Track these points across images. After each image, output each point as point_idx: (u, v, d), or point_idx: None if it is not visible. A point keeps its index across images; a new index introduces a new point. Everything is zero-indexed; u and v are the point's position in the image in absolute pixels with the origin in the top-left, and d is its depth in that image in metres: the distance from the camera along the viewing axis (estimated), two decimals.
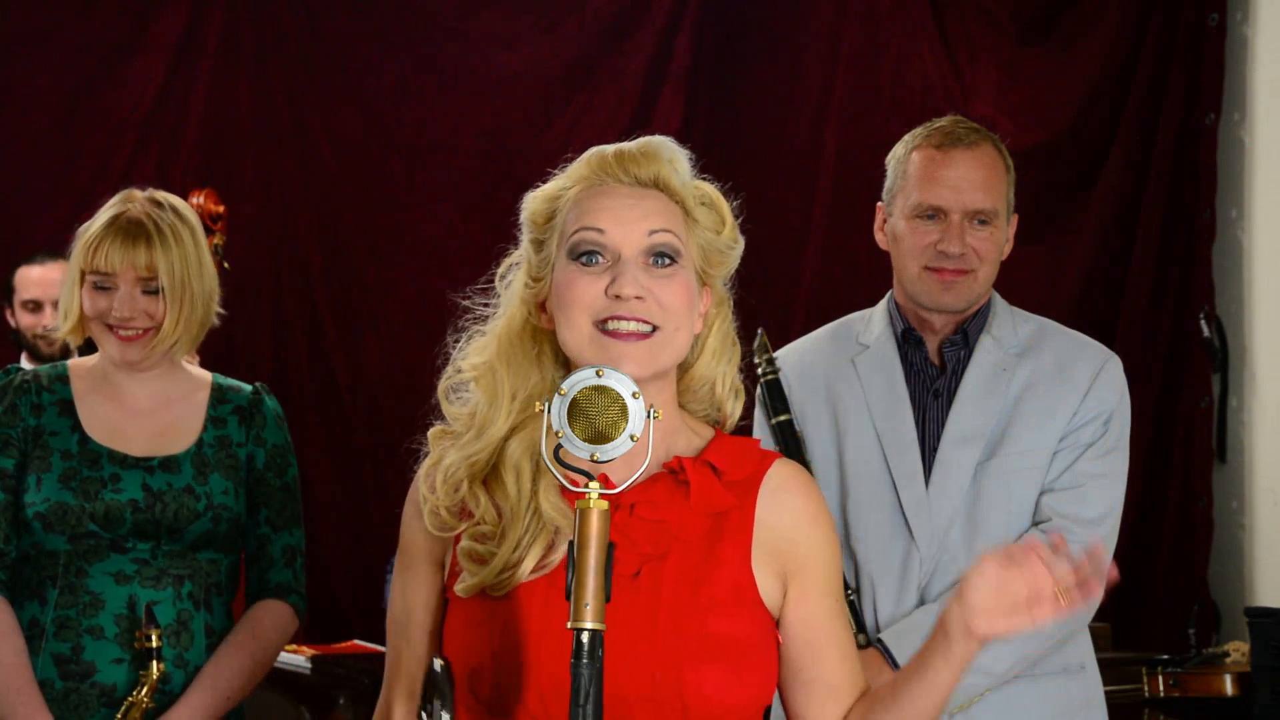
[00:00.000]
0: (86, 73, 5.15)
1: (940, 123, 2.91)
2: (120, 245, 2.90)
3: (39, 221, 5.07)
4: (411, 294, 5.30)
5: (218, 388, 3.03)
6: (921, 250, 2.84)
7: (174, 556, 2.90)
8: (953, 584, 2.79)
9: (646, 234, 1.86)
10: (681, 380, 1.95)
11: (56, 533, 2.86)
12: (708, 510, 1.87)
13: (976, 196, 2.83)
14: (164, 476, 2.91)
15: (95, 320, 2.92)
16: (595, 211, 1.87)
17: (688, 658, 1.79)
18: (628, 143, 1.92)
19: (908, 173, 2.87)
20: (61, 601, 2.87)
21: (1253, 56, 5.04)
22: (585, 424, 1.68)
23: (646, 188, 1.89)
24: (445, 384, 1.95)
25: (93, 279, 2.91)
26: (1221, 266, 5.08)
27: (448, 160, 5.43)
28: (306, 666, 4.15)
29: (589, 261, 1.86)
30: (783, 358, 2.98)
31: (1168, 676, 4.09)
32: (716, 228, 1.93)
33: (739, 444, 1.93)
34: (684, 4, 5.47)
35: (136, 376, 2.98)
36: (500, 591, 1.84)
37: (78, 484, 2.87)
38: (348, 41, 5.41)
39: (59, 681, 2.86)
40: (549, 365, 1.93)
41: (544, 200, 1.93)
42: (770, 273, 5.18)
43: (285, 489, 3.02)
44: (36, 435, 2.91)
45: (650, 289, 1.84)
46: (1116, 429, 2.85)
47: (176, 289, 2.91)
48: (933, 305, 2.87)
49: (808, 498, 1.92)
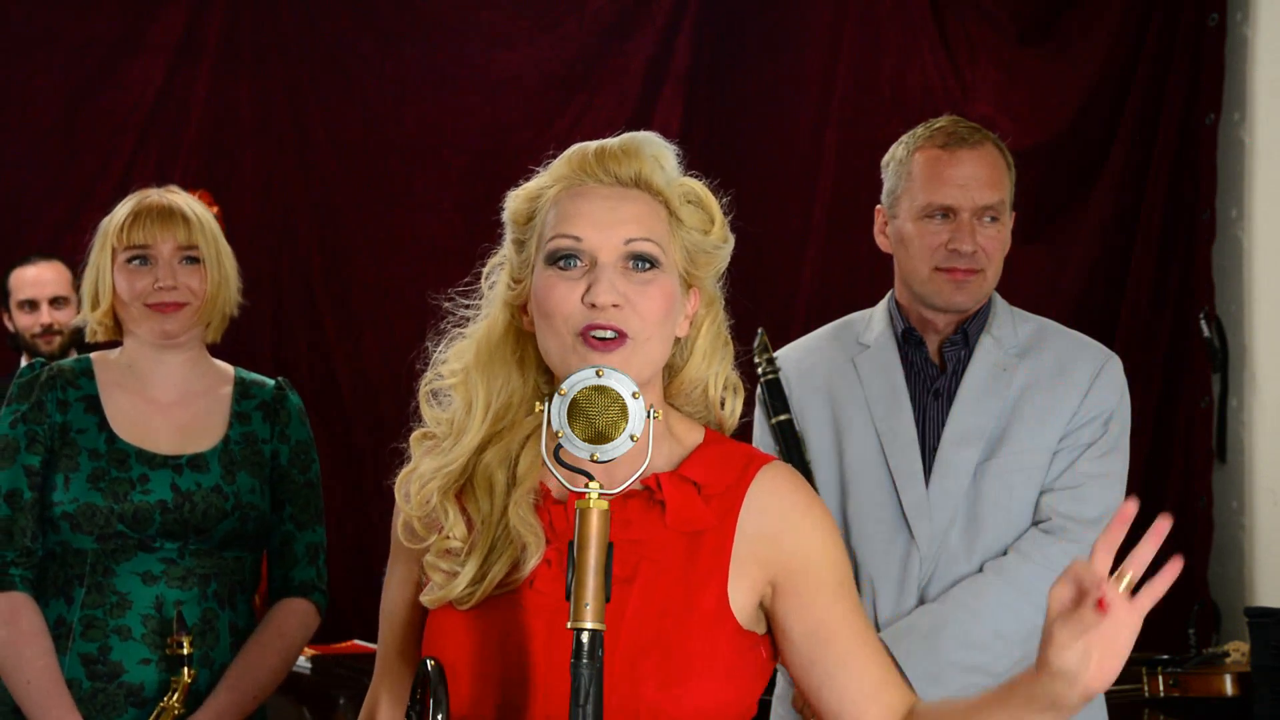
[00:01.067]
0: (86, 73, 5.15)
1: (940, 123, 2.91)
2: (157, 220, 2.92)
3: (39, 221, 5.07)
4: (411, 294, 5.28)
5: (241, 382, 3.03)
6: (932, 251, 2.84)
7: (201, 555, 2.89)
8: (953, 583, 2.79)
9: (623, 242, 1.81)
10: (673, 383, 1.91)
11: (84, 533, 2.86)
12: (685, 528, 1.82)
13: (985, 193, 2.84)
14: (192, 476, 2.90)
15: (134, 301, 2.92)
16: (572, 217, 1.82)
17: (645, 678, 1.75)
18: (610, 139, 1.87)
19: (912, 174, 2.87)
20: (88, 601, 2.86)
21: (1253, 56, 5.04)
22: (585, 424, 1.67)
23: (627, 187, 1.84)
24: (426, 388, 1.93)
25: (128, 255, 2.91)
26: (1221, 266, 5.08)
27: (448, 160, 5.43)
28: (306, 666, 4.14)
29: (566, 266, 1.82)
30: (783, 357, 2.98)
31: (1168, 676, 4.09)
32: (704, 227, 1.87)
33: (724, 451, 1.88)
34: (684, 4, 5.46)
35: (163, 366, 2.96)
36: (465, 605, 1.82)
37: (106, 485, 2.86)
38: (348, 41, 5.41)
39: (86, 681, 2.85)
40: (531, 369, 1.90)
41: (524, 199, 1.89)
42: (770, 273, 5.18)
43: (309, 485, 3.02)
44: (64, 432, 2.90)
45: (628, 295, 1.80)
46: (1116, 429, 2.85)
47: (213, 260, 2.95)
48: (945, 306, 2.86)
49: (796, 499, 1.85)
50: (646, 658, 1.76)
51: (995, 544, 2.81)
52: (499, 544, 1.83)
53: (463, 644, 1.82)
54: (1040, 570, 2.76)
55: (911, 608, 2.80)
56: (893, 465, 2.84)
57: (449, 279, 2.01)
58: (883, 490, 2.85)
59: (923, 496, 2.82)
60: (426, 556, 1.86)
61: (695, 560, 1.81)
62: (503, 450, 1.87)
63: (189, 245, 2.93)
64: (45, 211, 5.05)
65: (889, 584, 2.81)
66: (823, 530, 1.86)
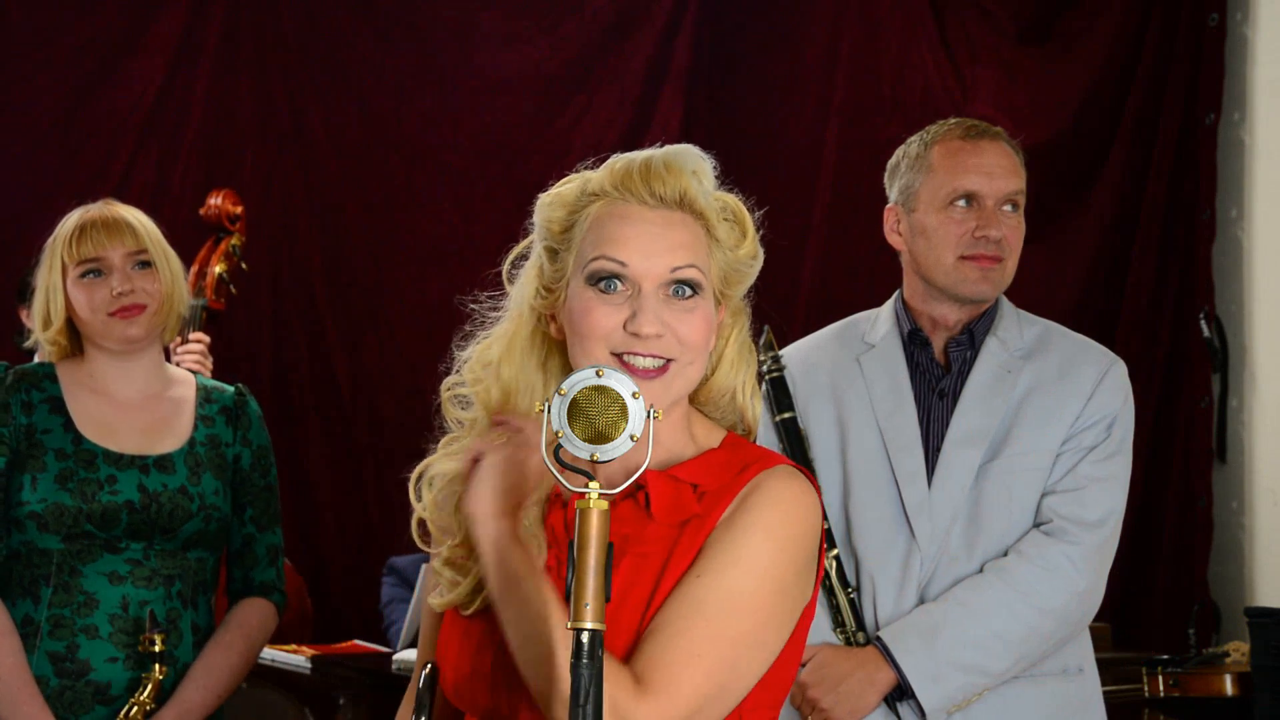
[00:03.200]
0: (86, 73, 5.15)
1: (952, 121, 2.93)
2: (104, 230, 2.98)
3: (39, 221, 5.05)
4: (412, 294, 5.30)
5: (202, 388, 3.09)
6: (958, 239, 2.84)
7: (165, 556, 2.93)
8: (953, 583, 2.80)
9: (669, 270, 1.82)
10: (701, 391, 1.92)
11: (51, 532, 2.88)
12: (670, 520, 1.83)
13: (1010, 180, 2.85)
14: (159, 476, 2.93)
15: (94, 314, 2.95)
16: (617, 242, 1.82)
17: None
18: (654, 152, 1.86)
19: (932, 165, 2.87)
20: (56, 600, 2.89)
21: (1253, 56, 5.04)
22: (585, 424, 1.67)
23: (670, 209, 1.84)
24: (449, 392, 1.93)
25: (80, 270, 2.96)
26: (1221, 266, 5.08)
27: (448, 160, 5.43)
28: (306, 666, 4.14)
29: (608, 288, 1.82)
30: (788, 356, 2.99)
31: (1168, 676, 4.09)
32: (737, 243, 1.89)
33: (731, 455, 1.87)
34: (684, 4, 5.47)
35: (123, 371, 3.00)
36: (468, 610, 1.84)
37: (75, 485, 2.89)
38: (348, 41, 5.41)
39: (54, 679, 2.88)
40: (556, 375, 1.90)
41: (561, 208, 1.88)
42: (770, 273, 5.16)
43: (269, 489, 3.08)
44: (29, 434, 2.93)
45: (669, 323, 1.81)
46: (1119, 433, 2.85)
47: (163, 262, 3.00)
48: (970, 295, 2.86)
49: (761, 497, 1.81)
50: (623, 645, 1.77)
51: (996, 545, 2.81)
52: None
53: (464, 649, 1.84)
54: (1040, 572, 2.76)
55: (911, 607, 2.80)
56: (895, 464, 2.84)
57: (449, 279, 2.01)
58: (885, 489, 2.85)
59: (924, 496, 2.82)
60: (434, 561, 1.88)
61: (678, 546, 1.82)
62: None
63: (139, 250, 2.98)
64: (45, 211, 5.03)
65: (889, 583, 2.81)
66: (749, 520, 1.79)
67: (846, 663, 2.77)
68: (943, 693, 2.74)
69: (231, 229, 4.34)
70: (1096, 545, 2.80)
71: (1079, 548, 2.78)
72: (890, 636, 2.77)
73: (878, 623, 2.81)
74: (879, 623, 2.81)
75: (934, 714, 2.75)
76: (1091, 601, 2.82)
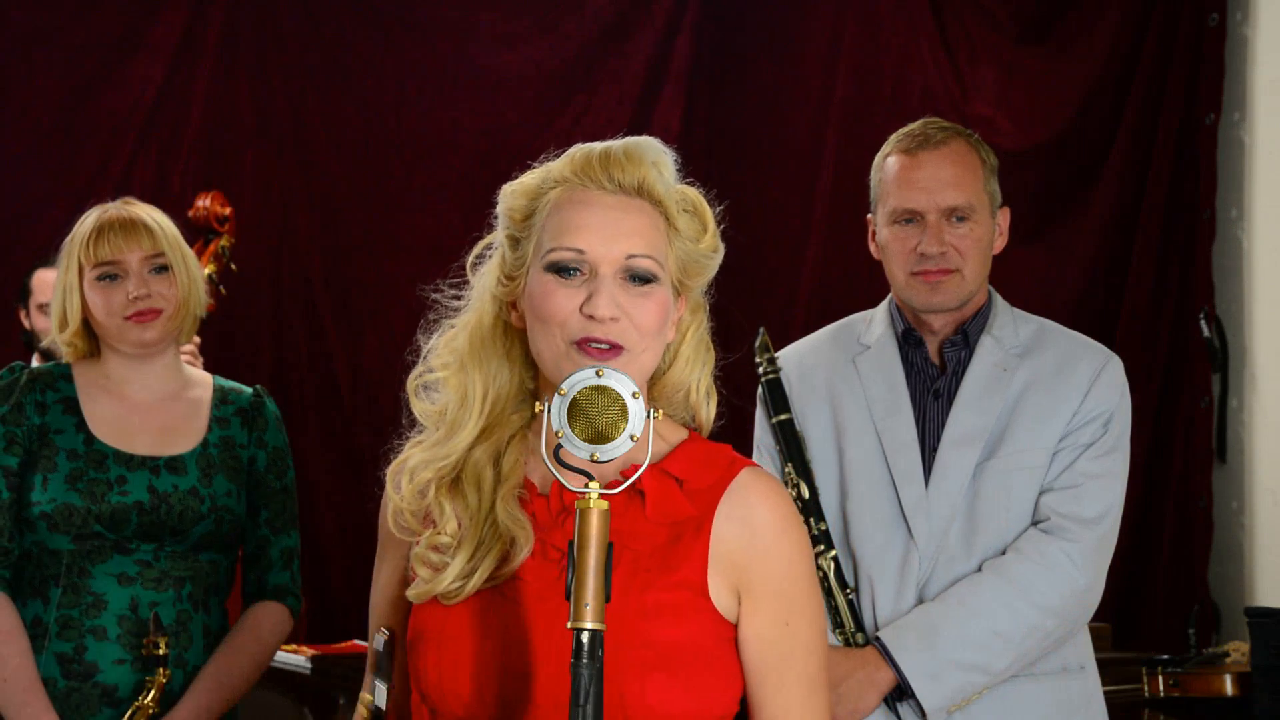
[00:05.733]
0: (86, 73, 5.15)
1: (912, 127, 2.91)
2: (121, 232, 2.95)
3: (39, 222, 5.07)
4: (411, 294, 5.25)
5: (219, 389, 3.07)
6: (905, 256, 2.85)
7: (176, 558, 2.91)
8: (952, 583, 2.80)
9: (625, 256, 1.82)
10: (655, 386, 1.92)
11: (61, 533, 2.87)
12: (664, 520, 1.83)
13: (948, 194, 2.83)
14: (170, 478, 2.92)
15: (110, 318, 2.94)
16: (576, 229, 1.83)
17: (627, 667, 1.76)
18: (613, 142, 1.87)
19: (884, 180, 2.89)
20: (64, 601, 2.88)
21: (1253, 56, 5.04)
22: (585, 424, 1.68)
23: (630, 196, 1.85)
24: (415, 382, 1.94)
25: (97, 273, 2.95)
26: (1221, 266, 5.08)
27: (448, 160, 5.43)
28: (306, 666, 4.14)
29: (566, 275, 1.82)
30: (784, 357, 2.99)
31: (1168, 676, 4.09)
32: (697, 236, 1.89)
33: (708, 451, 1.89)
34: (684, 4, 5.47)
35: (139, 373, 2.99)
36: (451, 601, 1.83)
37: (85, 485, 2.88)
38: (348, 41, 5.41)
39: (61, 680, 2.88)
40: (519, 363, 1.91)
41: (523, 196, 1.89)
42: (770, 273, 5.18)
43: (284, 491, 3.05)
44: (42, 434, 2.92)
45: (625, 308, 1.81)
46: (1117, 429, 2.85)
47: (180, 265, 2.98)
48: (924, 307, 2.87)
49: (769, 511, 1.85)
50: (625, 641, 1.77)
51: (994, 543, 2.81)
52: (487, 539, 1.84)
53: (450, 639, 1.83)
54: (1039, 569, 2.76)
55: (910, 607, 2.80)
56: (892, 465, 2.84)
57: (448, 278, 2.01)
58: (882, 490, 2.85)
59: (922, 496, 2.82)
60: (415, 549, 1.87)
61: (676, 547, 1.82)
62: (492, 446, 1.88)
63: (156, 253, 2.97)
64: (45, 211, 5.04)
65: (888, 583, 2.81)
66: (790, 550, 1.85)
67: (846, 663, 2.77)
68: (943, 692, 2.74)
69: (220, 230, 4.32)
70: (1095, 542, 2.80)
71: (1078, 545, 2.78)
72: (889, 636, 2.77)
73: (877, 623, 2.81)
74: (878, 623, 2.81)
75: (934, 713, 2.75)
76: (1091, 598, 2.82)
